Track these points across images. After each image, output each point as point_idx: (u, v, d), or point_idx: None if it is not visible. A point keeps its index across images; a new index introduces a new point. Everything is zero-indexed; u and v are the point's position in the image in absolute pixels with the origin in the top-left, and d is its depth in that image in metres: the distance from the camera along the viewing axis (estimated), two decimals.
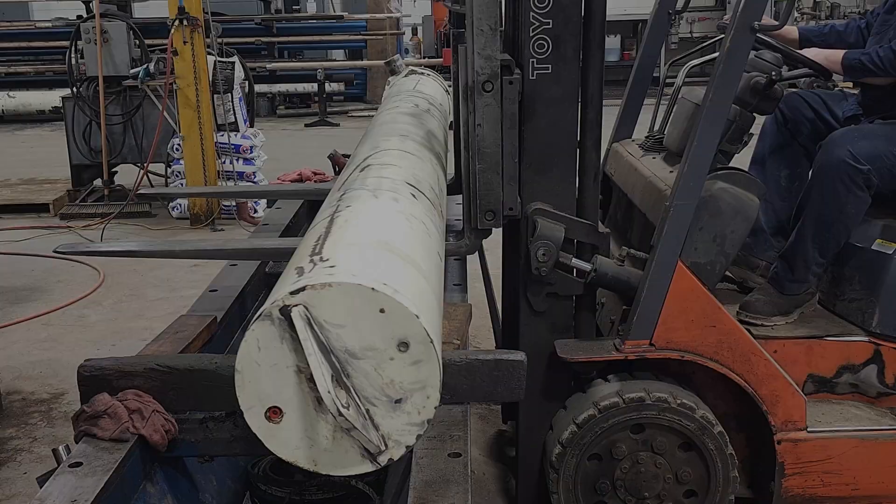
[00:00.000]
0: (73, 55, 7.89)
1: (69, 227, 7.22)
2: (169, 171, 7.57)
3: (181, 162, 7.27)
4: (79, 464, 1.89)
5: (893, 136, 2.76)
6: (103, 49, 7.51)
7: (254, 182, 7.41)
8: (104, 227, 6.98)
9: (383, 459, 1.46)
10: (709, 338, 2.64)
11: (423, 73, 3.80)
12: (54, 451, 2.13)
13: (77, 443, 2.00)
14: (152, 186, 8.02)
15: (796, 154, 3.10)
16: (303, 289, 1.37)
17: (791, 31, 2.97)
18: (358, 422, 1.39)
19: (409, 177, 2.13)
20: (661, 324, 2.62)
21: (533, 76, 2.52)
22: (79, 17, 8.50)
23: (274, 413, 1.43)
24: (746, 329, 2.71)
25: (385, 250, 1.56)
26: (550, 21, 2.47)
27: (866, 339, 2.77)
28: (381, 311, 1.38)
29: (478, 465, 3.36)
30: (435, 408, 1.46)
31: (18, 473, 3.37)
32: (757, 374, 2.66)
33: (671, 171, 2.93)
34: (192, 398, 2.16)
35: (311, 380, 1.40)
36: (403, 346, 1.40)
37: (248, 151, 7.46)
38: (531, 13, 2.47)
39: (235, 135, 7.43)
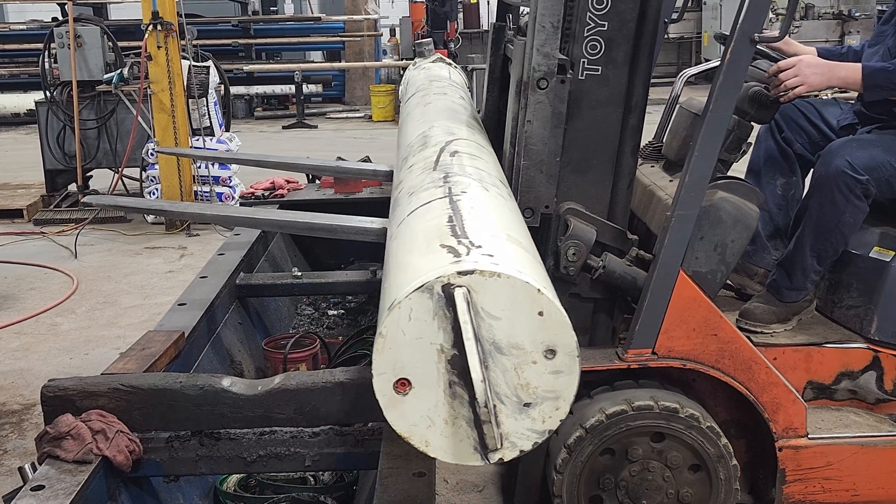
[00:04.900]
0: (46, 59, 7.78)
1: (43, 232, 7.10)
2: (144, 175, 7.46)
3: (156, 167, 7.18)
4: (41, 487, 1.85)
5: (891, 146, 2.78)
6: (77, 53, 7.42)
7: (230, 186, 7.34)
8: (78, 232, 6.87)
9: (494, 458, 1.44)
10: (710, 346, 2.64)
11: (450, 64, 3.88)
12: (20, 469, 2.10)
13: (40, 464, 1.96)
14: (127, 191, 7.94)
15: (791, 162, 3.12)
16: (471, 272, 1.35)
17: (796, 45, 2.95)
18: (490, 415, 1.37)
19: (497, 173, 2.12)
20: (663, 332, 2.62)
21: (582, 76, 2.51)
22: (54, 19, 8.36)
23: (402, 385, 1.41)
24: (746, 337, 2.72)
25: (524, 251, 1.54)
26: (606, 24, 2.47)
27: (865, 345, 2.80)
28: (540, 313, 1.38)
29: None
30: (560, 420, 1.44)
31: None
32: (758, 381, 2.67)
33: (671, 181, 2.94)
34: (156, 418, 2.14)
35: (450, 361, 1.38)
36: (550, 353, 1.40)
37: None
38: (588, 13, 2.46)
39: (211, 139, 7.36)
